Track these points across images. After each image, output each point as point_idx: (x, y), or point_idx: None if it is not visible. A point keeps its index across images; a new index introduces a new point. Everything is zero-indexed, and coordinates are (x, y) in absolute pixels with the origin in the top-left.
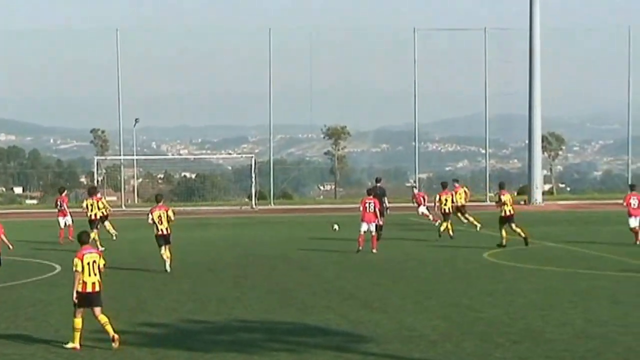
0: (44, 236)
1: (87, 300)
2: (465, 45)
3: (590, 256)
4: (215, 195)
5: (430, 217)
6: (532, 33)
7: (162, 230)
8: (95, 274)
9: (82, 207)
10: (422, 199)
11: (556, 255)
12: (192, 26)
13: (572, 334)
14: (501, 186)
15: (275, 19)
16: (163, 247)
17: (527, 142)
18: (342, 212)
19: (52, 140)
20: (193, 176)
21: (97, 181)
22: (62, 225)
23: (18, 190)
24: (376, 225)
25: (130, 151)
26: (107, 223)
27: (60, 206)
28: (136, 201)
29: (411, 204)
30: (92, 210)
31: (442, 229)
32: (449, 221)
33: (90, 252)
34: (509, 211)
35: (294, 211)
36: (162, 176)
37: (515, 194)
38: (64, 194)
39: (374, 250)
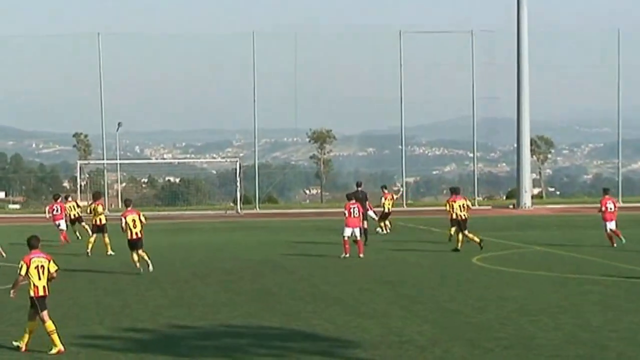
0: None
1: (41, 304)
2: (452, 48)
3: (580, 260)
4: (200, 199)
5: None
6: (519, 35)
7: (135, 234)
8: (42, 278)
9: (86, 211)
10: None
11: (546, 259)
12: (174, 30)
13: (563, 339)
14: (454, 191)
15: (258, 22)
16: (135, 252)
17: (515, 145)
18: (328, 216)
19: (34, 145)
20: (177, 180)
21: (80, 186)
22: (63, 227)
23: (0, 195)
24: (360, 230)
25: (113, 155)
26: (84, 224)
27: (57, 211)
28: (120, 206)
29: (399, 209)
30: (95, 215)
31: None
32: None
33: (39, 257)
34: (462, 216)
35: (280, 215)
36: (146, 180)
37: (504, 197)
38: (59, 200)
39: (361, 255)
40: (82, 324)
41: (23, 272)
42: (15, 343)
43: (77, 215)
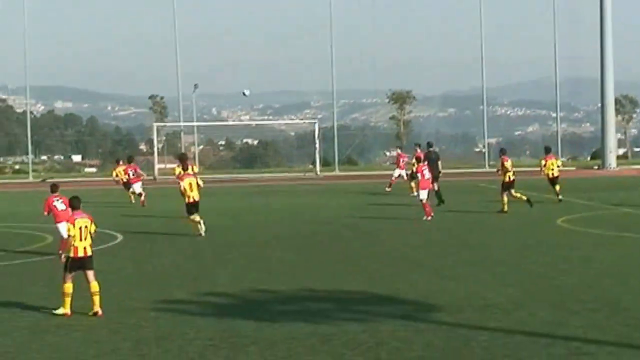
0: (105, 204)
1: (79, 264)
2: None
3: None
4: (278, 162)
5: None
6: None
7: (192, 197)
8: (86, 239)
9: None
10: (401, 161)
11: (633, 221)
12: None
13: None
14: (502, 152)
15: None
16: (194, 215)
17: (599, 105)
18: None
19: (109, 107)
20: (255, 143)
21: (157, 148)
22: (138, 190)
23: (77, 158)
24: (429, 192)
25: (190, 118)
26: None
27: (134, 173)
28: (197, 168)
29: (480, 170)
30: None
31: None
32: (557, 186)
33: (82, 217)
34: (509, 177)
35: (359, 178)
36: (223, 143)
37: (589, 158)
38: (133, 162)
39: (428, 218)
40: (161, 288)
41: (71, 232)
42: (57, 312)
43: (128, 179)
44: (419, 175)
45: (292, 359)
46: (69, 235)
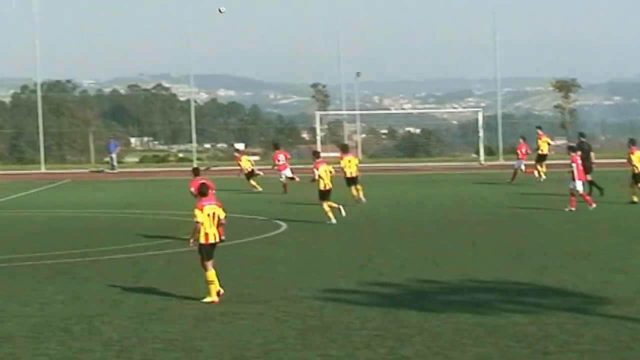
0: (267, 193)
1: (212, 250)
2: None
3: None
4: (441, 150)
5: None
6: None
7: (326, 185)
8: (212, 226)
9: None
10: (521, 152)
11: None
12: None
13: None
14: (632, 142)
15: None
16: (326, 201)
17: None
18: None
19: (272, 96)
20: (417, 131)
21: (319, 137)
22: (288, 175)
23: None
24: (583, 183)
25: (352, 106)
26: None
27: (281, 161)
28: (360, 157)
29: None
30: (349, 168)
31: None
32: None
33: (211, 204)
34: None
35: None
36: (385, 131)
37: None
38: (280, 149)
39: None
40: (326, 277)
41: (200, 219)
42: (205, 300)
43: (251, 168)
44: (573, 165)
45: (458, 350)
46: (197, 222)
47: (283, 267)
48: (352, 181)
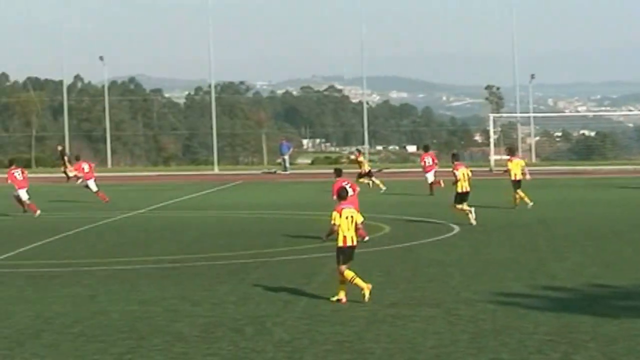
0: (438, 196)
1: (350, 253)
2: None
3: None
4: (617, 154)
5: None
6: None
7: (465, 187)
8: (350, 229)
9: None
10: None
11: None
12: None
13: None
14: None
15: None
16: (462, 204)
17: None
18: None
19: (444, 98)
20: (592, 134)
21: (493, 139)
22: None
23: (411, 148)
24: None
25: (525, 108)
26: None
27: (429, 162)
28: (534, 160)
29: None
30: (514, 170)
31: None
32: None
33: (349, 207)
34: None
35: None
36: (559, 134)
37: None
38: (429, 151)
39: None
40: (498, 280)
41: (337, 221)
42: (334, 298)
43: (367, 169)
44: None
45: (633, 357)
46: (334, 224)
47: (455, 270)
48: (517, 184)
